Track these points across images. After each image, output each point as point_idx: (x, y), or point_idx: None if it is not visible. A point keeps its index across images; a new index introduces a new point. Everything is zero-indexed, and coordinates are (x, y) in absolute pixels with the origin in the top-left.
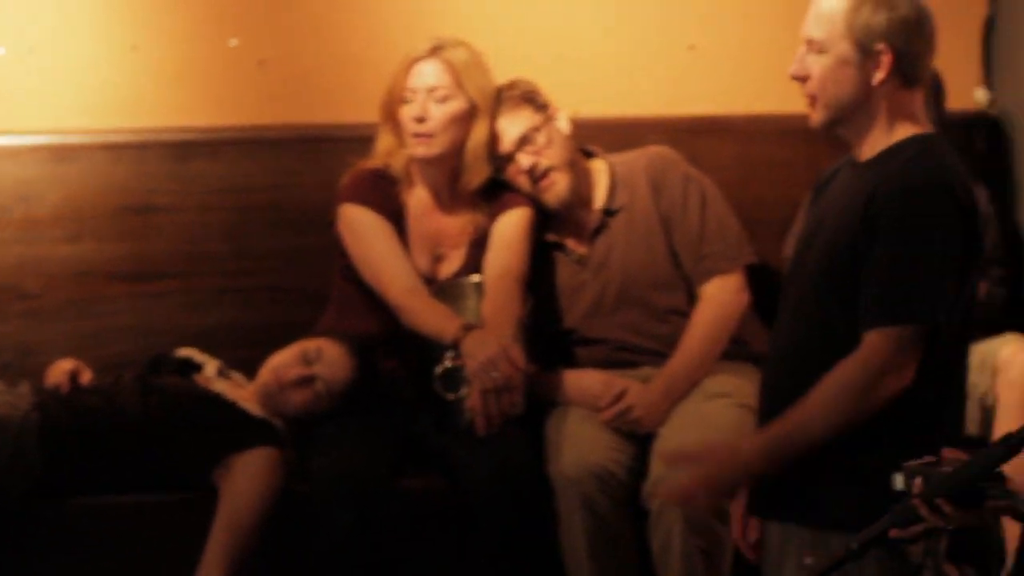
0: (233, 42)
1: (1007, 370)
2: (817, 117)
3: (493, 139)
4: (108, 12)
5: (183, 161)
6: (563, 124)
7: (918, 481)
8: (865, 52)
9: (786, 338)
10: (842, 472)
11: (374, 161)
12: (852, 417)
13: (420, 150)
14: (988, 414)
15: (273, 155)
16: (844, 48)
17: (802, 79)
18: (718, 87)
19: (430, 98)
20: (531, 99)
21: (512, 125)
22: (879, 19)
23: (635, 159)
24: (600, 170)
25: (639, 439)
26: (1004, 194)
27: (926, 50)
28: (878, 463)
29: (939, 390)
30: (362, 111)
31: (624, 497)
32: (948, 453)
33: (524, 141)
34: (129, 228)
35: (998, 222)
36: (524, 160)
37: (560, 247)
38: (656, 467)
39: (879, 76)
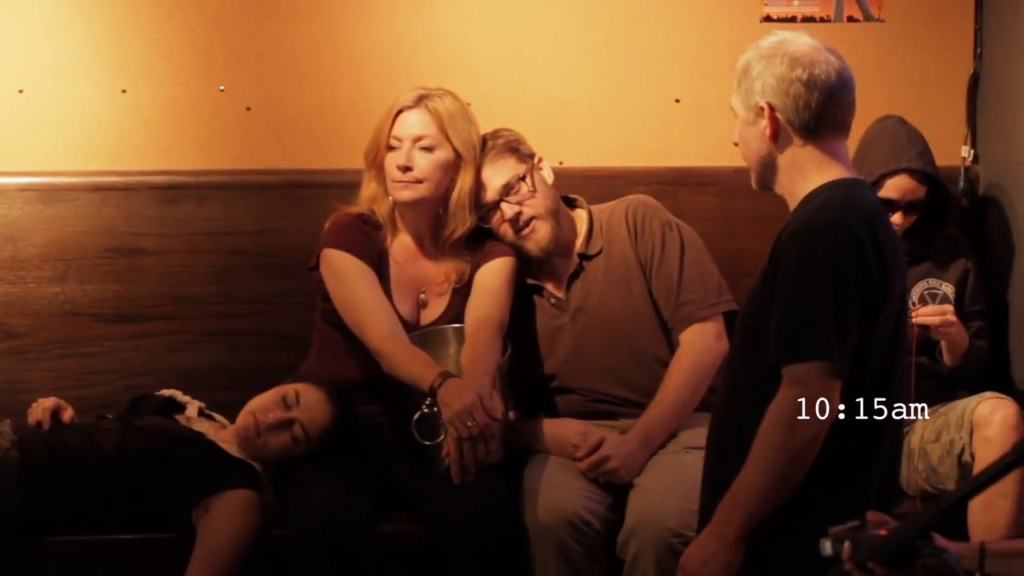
0: (221, 88)
1: (984, 427)
2: (752, 179)
3: (478, 188)
4: (98, 56)
5: (170, 204)
6: (547, 173)
7: (847, 545)
8: (754, 111)
9: (723, 389)
10: (778, 526)
11: (358, 207)
12: (785, 462)
13: (404, 194)
14: (966, 471)
15: (259, 199)
16: (742, 111)
17: (737, 145)
18: (703, 140)
19: (415, 147)
20: (515, 148)
21: (496, 174)
22: (756, 79)
23: (615, 206)
24: (581, 218)
25: (615, 488)
26: (986, 249)
27: (821, 102)
28: (811, 517)
29: (868, 437)
30: (347, 157)
31: (599, 546)
32: (872, 516)
33: (508, 190)
34: (115, 269)
35: (979, 277)
36: (508, 209)
37: (539, 290)
38: (631, 517)
39: (768, 132)
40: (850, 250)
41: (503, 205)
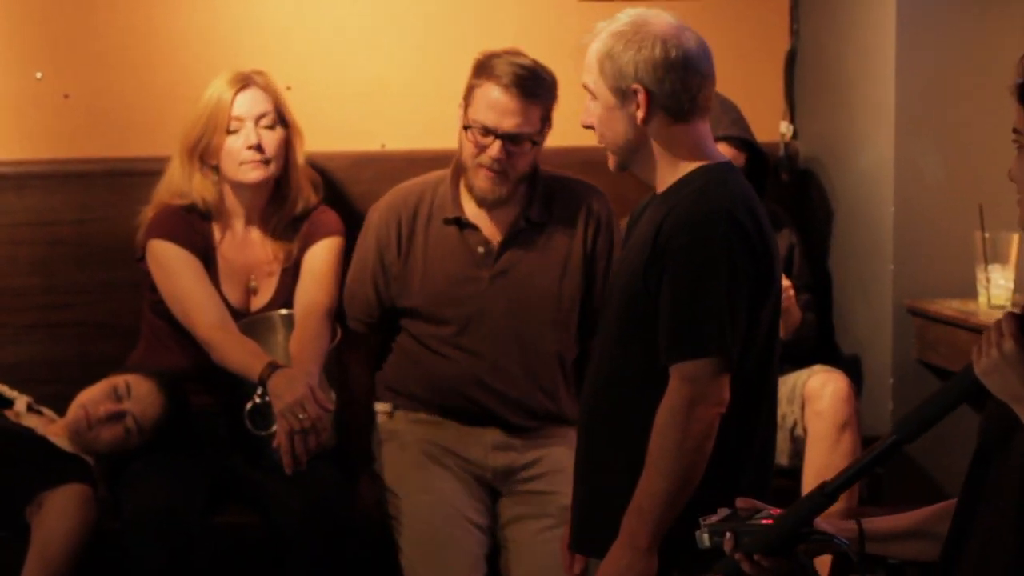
0: (38, 75)
1: (815, 401)
2: (610, 162)
3: (473, 102)
4: None
5: None
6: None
7: (728, 537)
8: (623, 95)
9: (592, 382)
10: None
11: (175, 199)
12: (683, 461)
13: (254, 175)
14: (798, 445)
15: (80, 189)
16: (606, 94)
17: (590, 127)
18: None
19: (259, 125)
20: (549, 94)
21: (513, 115)
22: (626, 61)
23: (573, 185)
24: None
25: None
26: (807, 224)
27: (689, 85)
28: (700, 505)
29: (748, 419)
30: (168, 144)
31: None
32: (742, 503)
33: (514, 140)
34: None
35: (801, 251)
36: (495, 151)
37: (465, 226)
38: None
39: (640, 115)
40: (739, 242)
41: (495, 144)
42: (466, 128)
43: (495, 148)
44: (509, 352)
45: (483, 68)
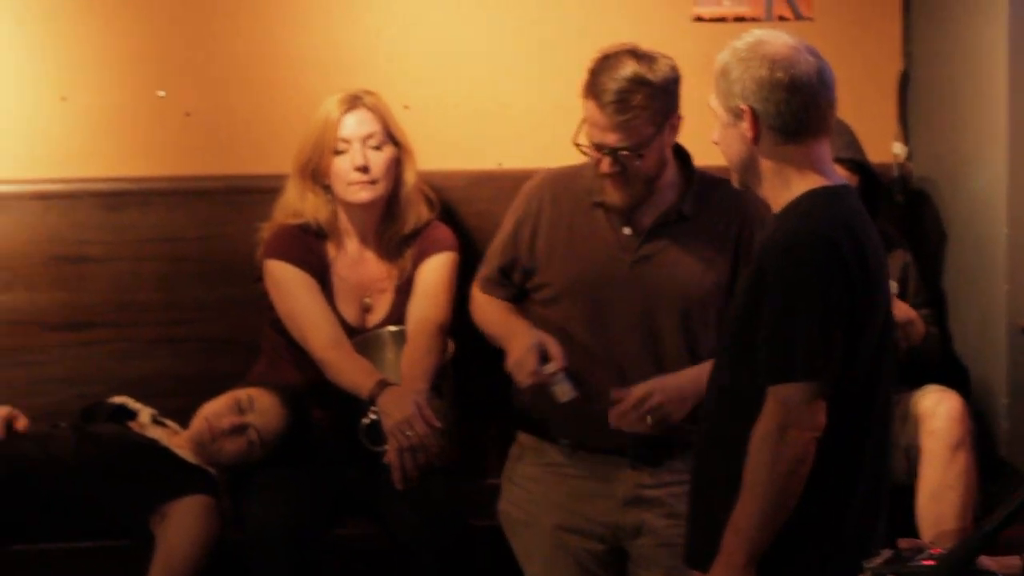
0: (161, 93)
1: (929, 420)
2: (732, 179)
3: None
4: (37, 63)
5: (113, 211)
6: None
7: None
8: (734, 114)
9: (709, 398)
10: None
11: (290, 218)
12: (775, 483)
13: (363, 195)
14: (913, 464)
15: (202, 205)
16: (722, 112)
17: (717, 144)
18: None
19: (366, 146)
20: (666, 93)
21: (620, 129)
22: (734, 80)
23: (724, 183)
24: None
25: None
26: (921, 244)
27: (795, 105)
28: (798, 518)
29: (857, 441)
30: (287, 162)
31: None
32: (904, 543)
33: (632, 149)
34: (61, 277)
35: (916, 269)
36: (608, 165)
37: (616, 210)
38: None
39: (749, 134)
40: (833, 266)
41: (605, 160)
42: (577, 145)
43: (605, 164)
44: (638, 339)
45: (588, 83)
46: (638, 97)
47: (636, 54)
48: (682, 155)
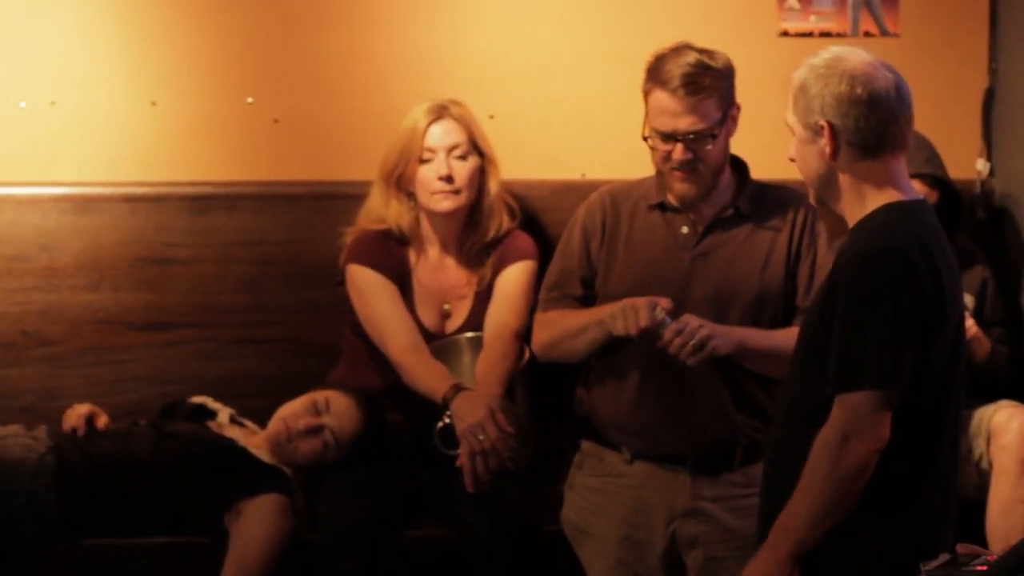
0: (249, 99)
1: (1001, 435)
2: (809, 195)
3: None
4: (128, 68)
5: (199, 214)
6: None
7: None
8: (813, 130)
9: (780, 404)
10: (831, 548)
11: (373, 223)
12: (832, 489)
13: (446, 204)
14: (984, 478)
15: (287, 210)
16: (799, 129)
17: (794, 160)
18: None
19: (451, 156)
20: (724, 80)
21: (688, 114)
22: (813, 96)
23: (778, 188)
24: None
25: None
26: (1002, 260)
27: (874, 121)
28: (863, 528)
29: (925, 453)
30: (372, 169)
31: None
32: (963, 548)
33: (694, 137)
34: (147, 278)
35: (994, 287)
36: (679, 153)
37: (668, 208)
38: None
39: (827, 150)
40: (905, 279)
41: (678, 147)
42: (646, 139)
43: (678, 151)
44: None
45: (651, 73)
46: (707, 79)
47: (692, 46)
48: (735, 162)
